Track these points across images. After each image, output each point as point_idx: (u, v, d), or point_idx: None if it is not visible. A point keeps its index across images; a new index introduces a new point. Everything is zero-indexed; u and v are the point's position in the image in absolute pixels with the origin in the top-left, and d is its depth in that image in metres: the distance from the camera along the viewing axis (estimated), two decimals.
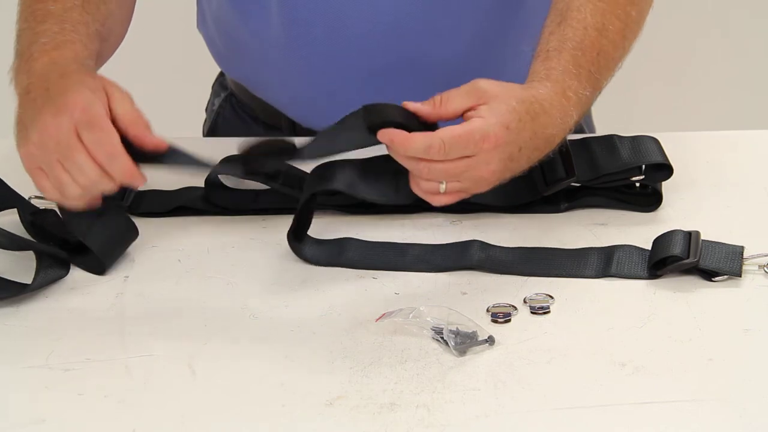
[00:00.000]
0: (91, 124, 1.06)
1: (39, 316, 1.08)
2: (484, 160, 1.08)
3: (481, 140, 1.07)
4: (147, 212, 1.25)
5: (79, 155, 1.06)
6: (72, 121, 1.06)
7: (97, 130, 1.06)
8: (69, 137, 1.06)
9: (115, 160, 1.06)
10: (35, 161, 1.09)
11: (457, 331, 1.02)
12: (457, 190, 1.11)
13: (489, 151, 1.08)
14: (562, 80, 1.14)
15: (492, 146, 1.08)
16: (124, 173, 1.07)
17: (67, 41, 1.16)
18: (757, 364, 0.99)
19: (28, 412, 0.96)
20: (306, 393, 0.97)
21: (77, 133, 1.06)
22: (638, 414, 0.93)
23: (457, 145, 1.07)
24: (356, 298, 1.09)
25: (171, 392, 0.98)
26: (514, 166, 1.11)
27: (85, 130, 1.06)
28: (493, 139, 1.08)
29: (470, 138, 1.07)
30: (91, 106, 1.07)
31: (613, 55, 1.19)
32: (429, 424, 0.93)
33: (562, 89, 1.13)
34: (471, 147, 1.07)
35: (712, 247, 1.11)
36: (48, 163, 1.08)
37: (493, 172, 1.09)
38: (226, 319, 1.07)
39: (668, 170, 1.21)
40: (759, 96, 2.81)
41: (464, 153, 1.07)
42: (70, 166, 1.07)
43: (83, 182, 1.08)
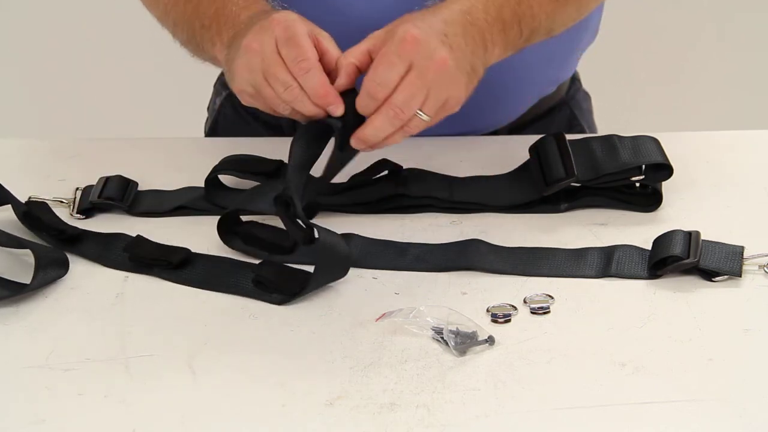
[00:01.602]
0: (290, 40, 1.07)
1: (39, 316, 1.08)
2: (421, 57, 1.07)
3: (400, 47, 1.06)
4: (147, 212, 1.25)
5: (280, 70, 1.07)
6: (273, 36, 1.08)
7: (294, 46, 1.07)
8: (271, 53, 1.08)
9: (310, 77, 1.07)
10: (245, 85, 1.11)
11: (457, 331, 1.02)
12: (439, 105, 1.09)
13: (416, 48, 1.07)
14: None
15: (413, 44, 1.07)
16: (318, 92, 1.07)
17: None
18: (757, 364, 0.99)
19: (28, 412, 0.96)
20: (306, 393, 0.97)
21: (278, 50, 1.07)
22: (638, 414, 0.93)
23: (382, 69, 1.06)
24: (356, 298, 1.09)
25: (171, 392, 0.98)
26: (456, 52, 1.09)
27: (284, 46, 1.07)
28: (408, 37, 1.06)
29: (388, 54, 1.06)
30: (293, 23, 1.08)
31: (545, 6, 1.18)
32: (429, 424, 0.93)
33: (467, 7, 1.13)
34: (396, 61, 1.06)
35: (712, 247, 1.11)
36: (255, 82, 1.09)
37: (442, 58, 1.08)
38: (226, 319, 1.07)
39: (668, 170, 1.21)
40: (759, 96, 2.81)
41: (400, 70, 1.07)
42: (273, 81, 1.08)
43: (287, 98, 1.09)
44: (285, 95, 1.09)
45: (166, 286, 1.13)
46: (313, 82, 1.08)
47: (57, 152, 1.38)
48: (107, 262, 1.16)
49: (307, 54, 1.08)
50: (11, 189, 1.22)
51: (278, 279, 1.09)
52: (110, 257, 1.16)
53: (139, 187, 1.28)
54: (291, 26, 1.08)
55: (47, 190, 1.27)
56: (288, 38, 1.08)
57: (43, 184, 1.30)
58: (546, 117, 1.47)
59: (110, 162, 1.33)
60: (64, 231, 1.18)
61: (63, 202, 1.25)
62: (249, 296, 1.10)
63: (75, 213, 1.24)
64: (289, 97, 1.09)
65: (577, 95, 1.52)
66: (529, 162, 1.24)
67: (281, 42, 1.08)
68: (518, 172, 1.25)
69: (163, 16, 1.29)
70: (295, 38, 1.08)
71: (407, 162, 1.25)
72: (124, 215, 1.25)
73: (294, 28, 1.08)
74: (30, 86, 2.90)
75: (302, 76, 1.08)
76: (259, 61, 1.09)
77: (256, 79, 1.10)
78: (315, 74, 1.08)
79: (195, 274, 1.13)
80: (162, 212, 1.25)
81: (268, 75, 1.09)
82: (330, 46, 1.11)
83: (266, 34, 1.09)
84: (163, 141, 1.43)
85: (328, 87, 1.09)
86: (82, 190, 1.27)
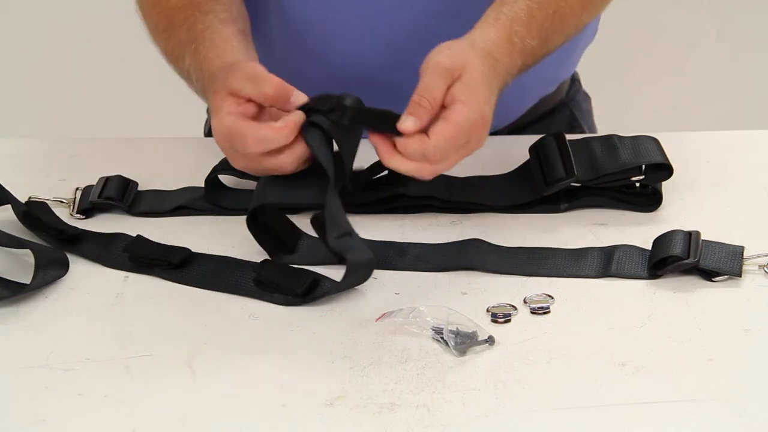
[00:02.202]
0: (231, 143, 1.10)
1: (39, 316, 1.08)
2: (477, 140, 1.10)
3: (471, 128, 1.09)
4: (147, 212, 1.25)
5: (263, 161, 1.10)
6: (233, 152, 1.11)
7: (235, 141, 1.09)
8: (243, 160, 1.11)
9: (265, 140, 1.08)
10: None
11: (457, 331, 1.02)
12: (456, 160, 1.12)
13: (480, 131, 1.10)
14: (509, 26, 1.16)
15: (482, 127, 1.10)
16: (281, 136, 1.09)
17: (202, 61, 1.19)
18: (757, 364, 0.99)
19: (28, 412, 0.96)
20: (306, 393, 0.97)
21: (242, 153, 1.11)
22: (638, 414, 0.93)
23: (451, 146, 1.08)
24: (356, 298, 1.09)
25: (171, 392, 0.98)
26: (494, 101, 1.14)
27: (238, 150, 1.10)
28: (480, 120, 1.09)
29: (461, 133, 1.08)
30: (219, 131, 1.10)
31: (569, 21, 1.21)
32: (429, 424, 0.93)
33: (507, 34, 1.16)
34: (463, 138, 1.09)
35: (712, 247, 1.11)
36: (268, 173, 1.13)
37: (486, 136, 1.12)
38: (226, 319, 1.07)
39: (668, 170, 1.21)
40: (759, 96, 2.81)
41: (458, 146, 1.09)
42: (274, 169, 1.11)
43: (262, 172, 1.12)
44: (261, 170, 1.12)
45: (166, 286, 1.13)
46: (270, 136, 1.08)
47: (57, 152, 1.38)
48: (107, 262, 1.16)
49: (244, 132, 1.09)
50: (11, 189, 1.22)
51: (280, 279, 1.09)
52: (110, 257, 1.16)
53: (139, 187, 1.28)
54: (222, 134, 1.10)
55: (47, 190, 1.27)
56: (231, 143, 1.10)
57: (43, 184, 1.30)
58: (546, 118, 1.47)
59: (110, 162, 1.33)
60: (64, 231, 1.19)
61: (63, 202, 1.25)
62: (250, 296, 1.10)
63: (75, 213, 1.24)
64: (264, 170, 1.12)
65: (577, 96, 1.52)
66: (529, 162, 1.24)
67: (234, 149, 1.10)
68: (518, 172, 1.25)
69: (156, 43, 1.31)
70: (230, 139, 1.10)
71: None
72: (124, 215, 1.25)
73: (224, 134, 1.10)
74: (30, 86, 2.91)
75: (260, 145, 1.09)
76: (248, 168, 1.13)
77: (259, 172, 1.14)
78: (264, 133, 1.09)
79: (195, 274, 1.13)
80: (162, 212, 1.25)
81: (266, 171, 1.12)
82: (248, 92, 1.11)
83: (229, 153, 1.12)
84: (163, 141, 1.43)
85: (278, 124, 1.09)
86: (82, 190, 1.27)
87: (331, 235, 1.08)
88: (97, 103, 2.83)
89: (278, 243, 1.16)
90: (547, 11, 1.19)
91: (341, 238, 1.08)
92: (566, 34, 1.23)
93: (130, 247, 1.16)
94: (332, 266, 1.12)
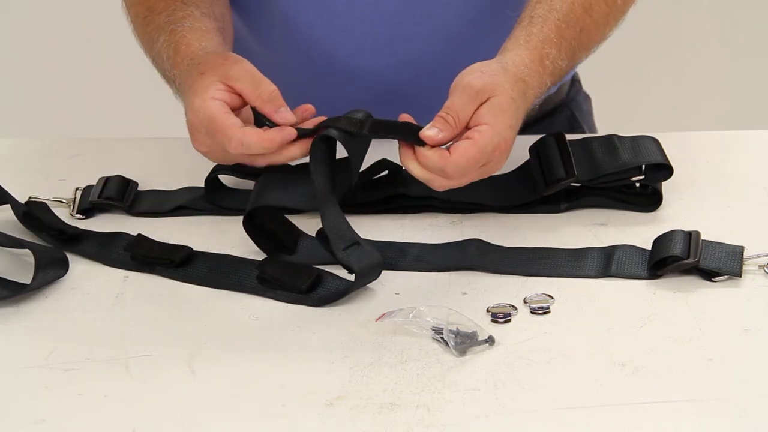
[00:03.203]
0: (210, 131, 1.10)
1: (39, 316, 1.08)
2: (496, 163, 1.10)
3: (493, 151, 1.08)
4: (147, 212, 1.25)
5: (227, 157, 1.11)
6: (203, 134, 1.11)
7: (216, 134, 1.09)
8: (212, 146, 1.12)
9: (246, 144, 1.08)
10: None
11: (457, 331, 1.02)
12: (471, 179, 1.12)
13: (501, 155, 1.10)
14: (541, 48, 1.15)
15: (503, 151, 1.09)
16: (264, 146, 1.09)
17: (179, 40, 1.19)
18: (757, 364, 0.99)
19: (28, 412, 0.96)
20: (306, 393, 0.97)
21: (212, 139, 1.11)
22: (638, 414, 0.93)
23: (471, 166, 1.08)
24: (356, 298, 1.09)
25: (171, 392, 0.98)
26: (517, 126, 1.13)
27: (213, 137, 1.10)
28: (504, 145, 1.09)
29: (483, 154, 1.08)
30: (200, 114, 1.10)
31: (594, 36, 1.21)
32: (429, 424, 0.93)
33: (539, 57, 1.15)
34: (484, 160, 1.09)
35: (712, 247, 1.11)
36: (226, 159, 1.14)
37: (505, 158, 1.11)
38: (226, 319, 1.07)
39: (668, 170, 1.21)
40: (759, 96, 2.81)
41: (478, 166, 1.09)
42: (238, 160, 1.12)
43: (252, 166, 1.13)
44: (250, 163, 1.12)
45: (167, 286, 1.13)
46: (252, 144, 1.08)
47: (57, 152, 1.38)
48: (108, 261, 1.16)
49: (230, 133, 1.08)
50: (11, 189, 1.22)
51: (283, 276, 1.09)
52: (111, 256, 1.16)
53: (139, 187, 1.28)
54: (204, 118, 1.10)
55: (47, 190, 1.27)
56: (208, 130, 1.10)
57: (43, 184, 1.30)
58: (546, 118, 1.48)
59: (110, 162, 1.33)
60: (64, 231, 1.19)
61: (63, 202, 1.25)
62: (253, 293, 1.10)
63: (75, 213, 1.24)
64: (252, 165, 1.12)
65: (578, 97, 1.52)
66: (529, 162, 1.24)
67: (209, 134, 1.10)
68: (518, 172, 1.25)
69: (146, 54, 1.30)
70: (212, 128, 1.09)
71: None
72: (124, 215, 1.25)
73: (207, 118, 1.09)
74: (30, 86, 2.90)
75: (241, 149, 1.09)
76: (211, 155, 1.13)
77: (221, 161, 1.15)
78: (249, 139, 1.08)
79: (197, 272, 1.13)
80: (162, 212, 1.25)
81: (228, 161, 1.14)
82: (242, 88, 1.11)
83: (198, 135, 1.12)
84: (163, 141, 1.43)
85: (265, 134, 1.09)
86: (82, 190, 1.27)
87: (338, 248, 1.08)
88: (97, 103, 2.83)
89: (277, 243, 1.16)
90: (574, 29, 1.18)
91: (348, 249, 1.08)
92: (590, 51, 1.23)
93: (131, 246, 1.16)
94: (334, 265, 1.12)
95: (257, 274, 1.11)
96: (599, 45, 1.24)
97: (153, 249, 1.15)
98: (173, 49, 1.19)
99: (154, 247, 1.16)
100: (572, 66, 1.21)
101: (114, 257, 1.16)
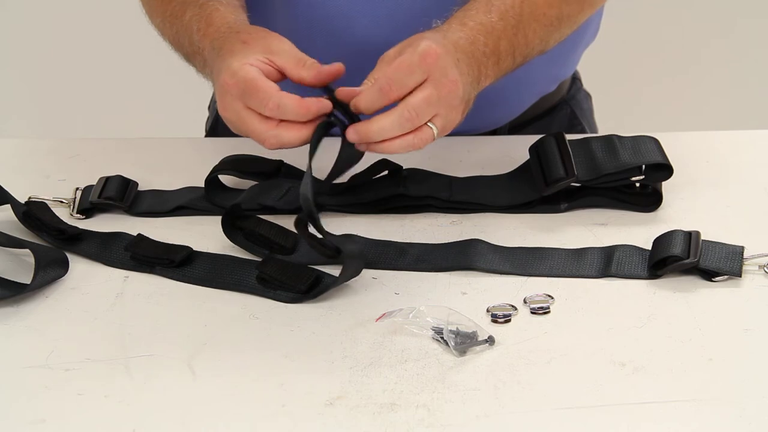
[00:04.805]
0: (247, 92, 1.09)
1: (39, 316, 1.08)
2: (439, 72, 1.09)
3: (421, 59, 1.08)
4: (147, 212, 1.25)
5: (254, 123, 1.10)
6: (234, 97, 1.10)
7: (254, 93, 1.09)
8: (239, 112, 1.11)
9: (284, 107, 1.08)
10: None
11: (457, 331, 1.02)
12: (444, 123, 1.11)
13: (436, 63, 1.09)
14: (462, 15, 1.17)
15: (434, 58, 1.09)
16: (299, 111, 1.09)
17: (212, 12, 1.19)
18: (757, 364, 0.99)
19: (28, 412, 0.96)
20: (306, 393, 0.97)
21: (245, 105, 1.10)
22: (638, 414, 0.93)
23: (400, 73, 1.08)
24: (356, 298, 1.09)
25: (171, 392, 0.98)
26: (467, 78, 1.12)
27: (247, 99, 1.09)
28: (431, 51, 1.09)
29: (409, 61, 1.08)
30: (238, 75, 1.10)
31: (545, 10, 1.21)
32: (429, 424, 0.93)
33: (459, 20, 1.16)
34: (416, 69, 1.08)
35: (712, 247, 1.11)
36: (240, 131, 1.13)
37: (454, 80, 1.10)
38: (226, 319, 1.07)
39: (668, 170, 1.21)
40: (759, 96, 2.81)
41: (418, 78, 1.08)
42: (254, 134, 1.11)
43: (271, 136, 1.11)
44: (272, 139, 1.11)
45: (167, 286, 1.13)
46: (288, 108, 1.09)
47: (57, 152, 1.38)
48: (108, 261, 1.16)
49: (270, 92, 1.09)
50: (11, 189, 1.22)
51: (283, 276, 1.09)
52: (111, 256, 1.16)
53: (139, 187, 1.28)
54: (240, 80, 1.09)
55: (47, 190, 1.27)
56: (244, 91, 1.09)
57: (43, 184, 1.30)
58: (547, 116, 1.48)
59: (110, 162, 1.33)
60: (64, 231, 1.19)
61: (63, 202, 1.26)
62: (253, 293, 1.10)
63: (75, 213, 1.24)
64: (273, 135, 1.11)
65: (578, 95, 1.52)
66: (529, 162, 1.24)
67: (244, 97, 1.10)
68: (518, 172, 1.25)
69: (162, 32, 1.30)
70: (249, 87, 1.09)
71: (407, 162, 1.25)
72: (124, 215, 1.25)
73: (243, 79, 1.09)
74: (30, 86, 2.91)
75: (278, 113, 1.09)
76: (235, 122, 1.12)
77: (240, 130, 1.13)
78: (286, 102, 1.09)
79: (197, 272, 1.13)
80: (162, 212, 1.25)
81: (248, 132, 1.12)
82: (284, 62, 1.12)
83: (227, 98, 1.11)
84: (163, 141, 1.43)
85: (303, 100, 1.09)
86: (82, 190, 1.27)
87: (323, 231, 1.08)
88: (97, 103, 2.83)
89: (275, 246, 1.16)
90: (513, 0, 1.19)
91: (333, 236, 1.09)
92: (549, 25, 1.21)
93: (131, 246, 1.16)
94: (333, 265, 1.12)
95: (257, 274, 1.11)
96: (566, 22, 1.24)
97: (153, 249, 1.16)
98: (205, 21, 1.19)
99: (154, 247, 1.16)
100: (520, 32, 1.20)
101: (114, 257, 1.16)
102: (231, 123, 1.13)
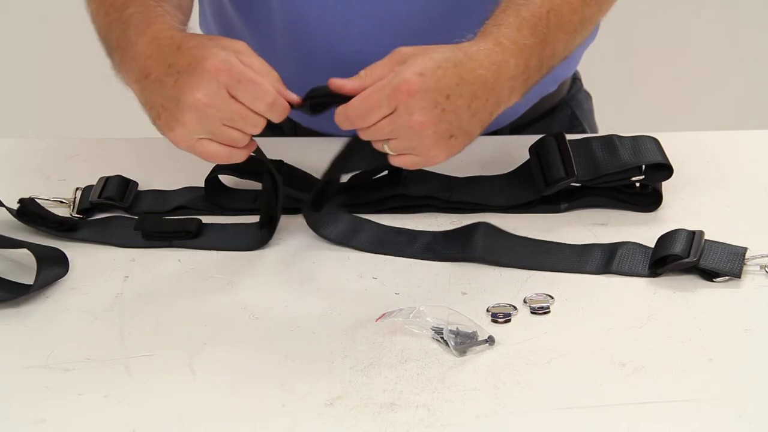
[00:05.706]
0: (242, 82, 1.08)
1: (39, 316, 1.08)
2: (404, 110, 1.07)
3: (393, 93, 1.07)
4: (147, 212, 1.25)
5: (243, 112, 1.08)
6: (221, 85, 1.08)
7: (250, 86, 1.08)
8: (226, 101, 1.08)
9: (276, 106, 1.09)
10: (195, 135, 1.10)
11: (457, 331, 1.02)
12: (402, 149, 1.10)
13: (406, 101, 1.07)
14: (496, 31, 1.13)
15: (405, 95, 1.06)
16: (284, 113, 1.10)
17: (157, 15, 1.17)
18: (757, 364, 0.99)
19: (28, 412, 0.96)
20: (306, 393, 0.97)
21: (232, 95, 1.08)
22: (638, 414, 0.93)
23: (367, 105, 1.08)
24: (356, 298, 1.09)
25: (171, 392, 0.98)
26: (450, 116, 1.08)
27: (239, 90, 1.08)
28: (405, 87, 1.06)
29: (379, 94, 1.07)
30: (231, 64, 1.08)
31: (570, 17, 1.18)
32: (429, 424, 0.93)
33: (494, 38, 1.12)
34: (384, 102, 1.07)
35: (714, 247, 1.11)
36: (214, 130, 1.09)
37: (421, 122, 1.07)
38: (226, 319, 1.07)
39: (668, 170, 1.21)
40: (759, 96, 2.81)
41: (381, 111, 1.07)
42: (239, 124, 1.09)
43: (252, 131, 1.10)
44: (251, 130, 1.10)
45: (167, 286, 1.13)
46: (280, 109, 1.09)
47: (57, 152, 1.38)
48: (118, 242, 1.18)
49: (266, 88, 1.08)
50: (10, 189, 1.23)
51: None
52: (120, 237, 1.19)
53: (139, 187, 1.28)
54: (232, 69, 1.08)
55: (47, 190, 1.27)
56: (237, 81, 1.07)
57: (43, 184, 1.30)
58: (547, 116, 1.47)
59: (110, 162, 1.33)
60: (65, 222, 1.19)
61: (63, 202, 1.25)
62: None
63: (75, 213, 1.24)
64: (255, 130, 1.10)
65: (579, 95, 1.52)
66: (529, 162, 1.24)
67: (232, 87, 1.08)
68: (518, 172, 1.25)
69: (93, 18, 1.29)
70: (245, 79, 1.08)
71: None
72: (124, 215, 1.25)
73: (236, 69, 1.08)
74: (30, 86, 2.90)
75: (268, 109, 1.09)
76: (214, 112, 1.08)
77: (214, 128, 1.09)
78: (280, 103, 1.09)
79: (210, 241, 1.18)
80: (162, 212, 1.25)
81: (231, 121, 1.09)
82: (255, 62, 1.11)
83: (211, 84, 1.08)
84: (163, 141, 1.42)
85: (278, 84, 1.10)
86: (82, 190, 1.27)
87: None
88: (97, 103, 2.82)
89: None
90: (539, 10, 1.15)
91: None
92: (571, 32, 1.20)
93: (140, 224, 1.18)
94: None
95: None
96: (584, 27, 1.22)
97: (165, 223, 1.19)
98: (146, 22, 1.16)
99: (165, 222, 1.19)
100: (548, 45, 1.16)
101: (124, 238, 1.18)
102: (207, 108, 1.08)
